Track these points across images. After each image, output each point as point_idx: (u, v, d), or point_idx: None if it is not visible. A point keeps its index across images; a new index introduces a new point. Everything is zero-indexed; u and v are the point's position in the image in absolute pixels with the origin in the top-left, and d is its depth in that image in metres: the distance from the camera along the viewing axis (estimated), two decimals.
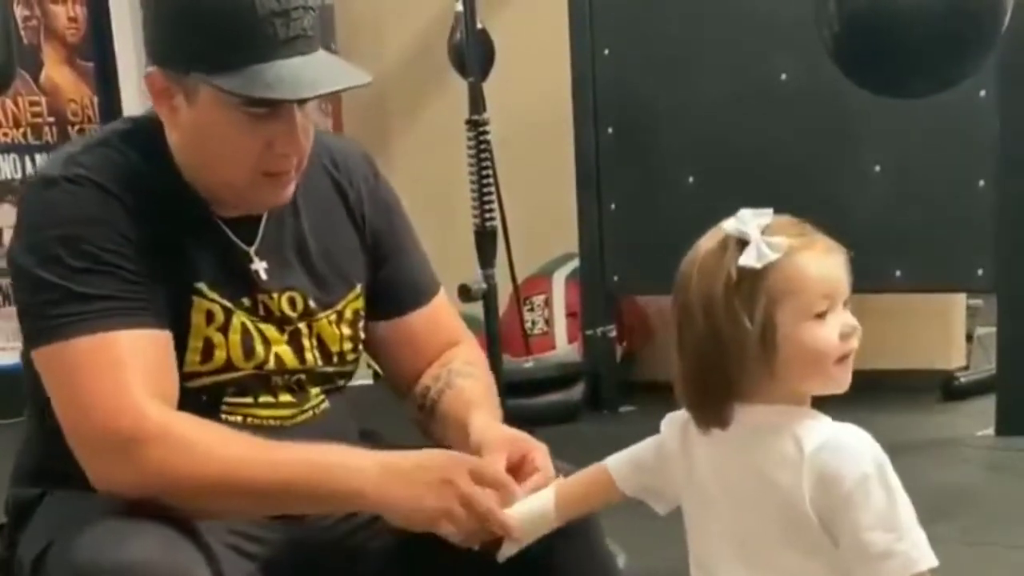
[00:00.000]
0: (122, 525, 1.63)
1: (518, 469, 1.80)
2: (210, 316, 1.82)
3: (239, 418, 1.85)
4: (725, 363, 1.54)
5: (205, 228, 1.86)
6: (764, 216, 1.56)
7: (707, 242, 1.58)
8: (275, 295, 1.88)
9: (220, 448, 1.71)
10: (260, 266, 1.88)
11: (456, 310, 2.16)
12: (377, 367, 2.14)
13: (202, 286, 1.82)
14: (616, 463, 1.74)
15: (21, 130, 5.65)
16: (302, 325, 1.90)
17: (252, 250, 1.89)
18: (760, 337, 1.52)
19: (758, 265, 1.52)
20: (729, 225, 1.56)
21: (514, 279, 5.02)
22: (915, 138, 4.38)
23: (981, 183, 4.29)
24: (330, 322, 1.93)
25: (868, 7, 3.53)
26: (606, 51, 4.85)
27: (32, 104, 5.68)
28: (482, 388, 2.02)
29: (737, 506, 1.58)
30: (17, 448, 1.95)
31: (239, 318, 1.84)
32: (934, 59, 3.53)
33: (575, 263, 5.17)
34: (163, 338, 1.76)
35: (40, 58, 5.74)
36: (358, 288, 1.97)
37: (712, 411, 1.58)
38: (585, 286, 5.05)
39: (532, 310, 5.22)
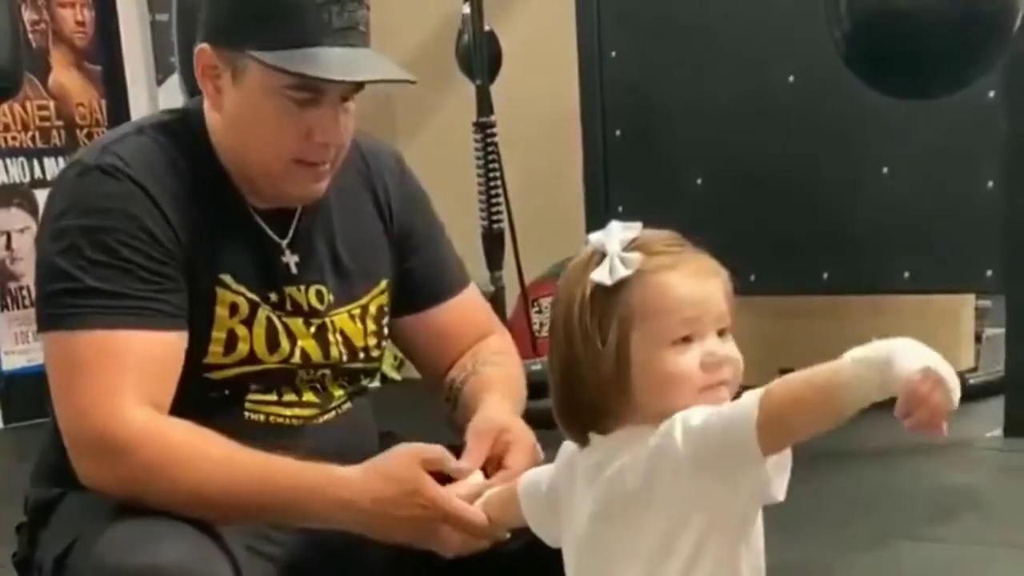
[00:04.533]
0: (146, 526, 1.64)
1: (498, 461, 1.79)
2: (234, 308, 1.83)
3: (261, 416, 1.85)
4: (584, 385, 1.44)
5: (239, 219, 1.86)
6: (631, 229, 1.45)
7: (581, 253, 1.48)
8: (303, 287, 1.89)
9: (190, 468, 1.70)
10: (291, 259, 1.89)
11: (487, 304, 2.16)
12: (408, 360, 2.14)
13: (228, 278, 1.82)
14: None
15: (29, 134, 5.65)
16: (327, 320, 1.90)
17: (284, 243, 1.89)
18: (615, 360, 1.41)
19: (609, 282, 1.41)
20: (594, 237, 1.46)
21: (522, 281, 5.03)
22: (923, 139, 4.37)
23: (990, 184, 4.29)
24: (352, 316, 1.93)
25: (879, 8, 3.53)
26: (613, 53, 4.85)
27: (40, 108, 5.69)
28: (503, 375, 1.99)
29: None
30: (40, 447, 1.95)
31: (264, 312, 1.85)
32: (945, 60, 3.54)
33: None
34: (171, 341, 1.77)
35: (48, 62, 5.75)
36: (383, 283, 1.98)
37: (580, 435, 1.48)
38: None
39: (540, 312, 5.22)
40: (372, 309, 1.96)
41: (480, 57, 5.04)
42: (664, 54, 4.77)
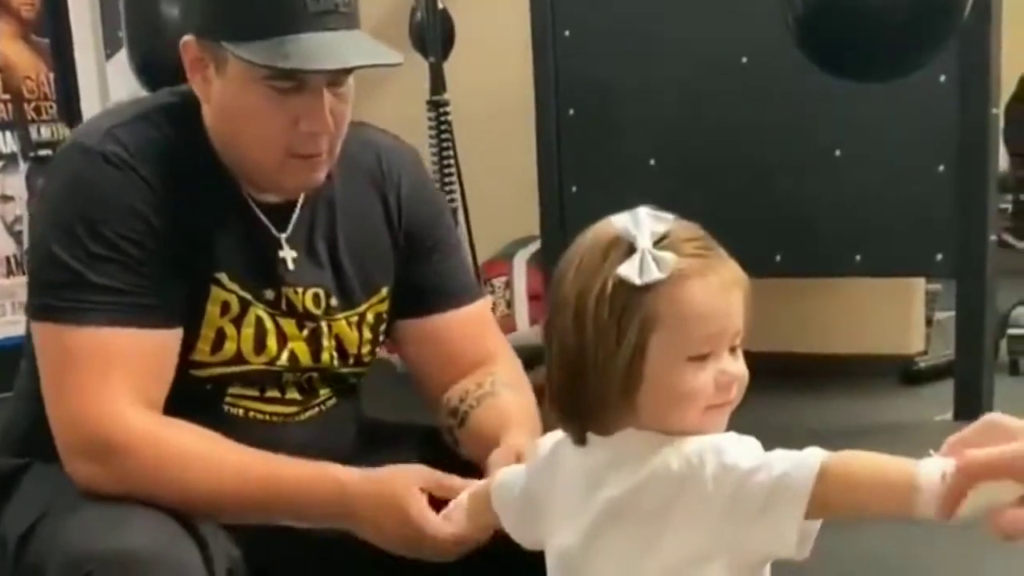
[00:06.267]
0: (114, 510, 1.63)
1: None
2: (226, 307, 1.80)
3: (241, 411, 1.84)
4: (589, 380, 1.35)
5: (237, 211, 1.83)
6: (662, 222, 1.36)
7: (597, 233, 1.39)
8: (300, 290, 1.86)
9: (186, 469, 1.69)
10: (289, 255, 1.86)
11: (496, 326, 2.09)
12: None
13: (222, 276, 1.80)
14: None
15: None
16: (323, 323, 1.88)
17: (283, 237, 1.87)
18: (628, 362, 1.33)
19: (638, 281, 1.32)
20: (620, 222, 1.37)
21: (475, 261, 5.03)
22: (876, 123, 4.39)
23: (941, 168, 4.31)
24: (350, 323, 1.90)
25: None
26: (567, 32, 4.85)
27: None
28: (523, 405, 1.92)
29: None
30: (7, 416, 1.94)
31: (255, 311, 1.82)
32: (896, 44, 3.56)
33: (536, 245, 5.18)
34: (166, 338, 1.75)
35: None
36: (383, 292, 1.95)
37: (578, 430, 1.41)
38: (548, 268, 5.06)
39: (493, 292, 5.23)
40: (369, 317, 1.93)
41: (434, 35, 5.04)
42: (618, 34, 4.77)
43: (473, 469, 1.77)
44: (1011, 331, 4.90)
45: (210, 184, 1.81)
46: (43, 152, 5.64)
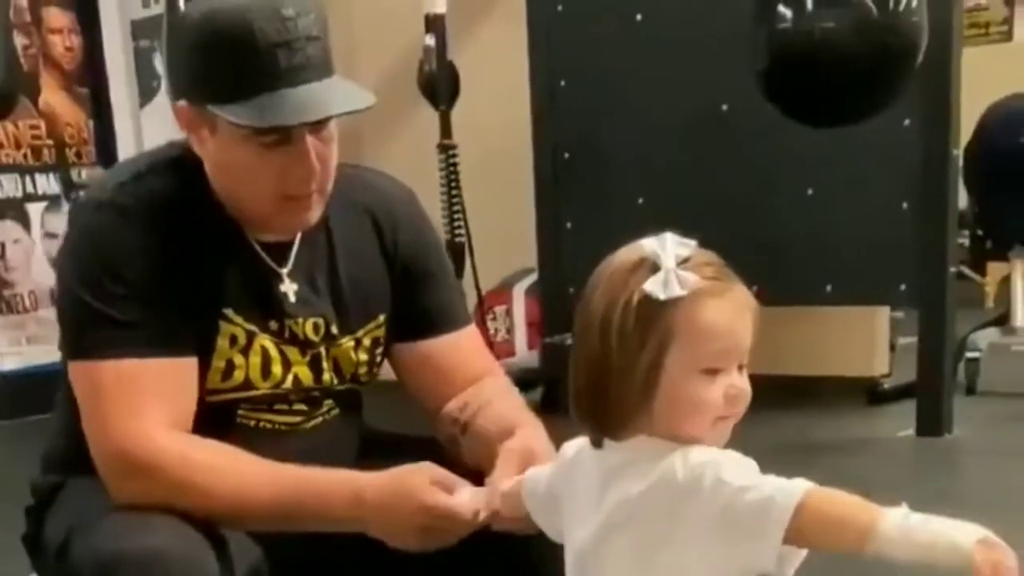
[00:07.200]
0: (136, 516, 1.65)
1: None
2: (233, 339, 1.81)
3: (252, 422, 1.85)
4: (610, 388, 1.37)
5: (239, 252, 1.84)
6: (685, 247, 1.39)
7: (624, 255, 1.41)
8: (300, 320, 1.86)
9: (210, 482, 1.70)
10: (290, 288, 1.87)
11: (485, 348, 2.08)
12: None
13: (229, 312, 1.81)
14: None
15: (22, 151, 5.63)
16: (323, 349, 1.88)
17: (284, 272, 1.87)
18: (646, 372, 1.35)
19: (663, 296, 1.34)
20: (648, 245, 1.39)
21: (478, 290, 5.05)
22: (845, 163, 4.41)
23: (905, 205, 4.33)
24: (349, 348, 1.91)
25: (792, 46, 3.58)
26: (563, 83, 4.88)
27: (32, 127, 5.67)
28: (521, 406, 1.94)
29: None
30: (48, 437, 1.96)
31: (261, 341, 1.83)
32: (851, 92, 3.59)
33: (533, 277, 5.20)
34: (187, 365, 1.77)
35: (39, 85, 5.73)
36: (380, 319, 1.94)
37: (596, 433, 1.42)
38: (545, 297, 5.08)
39: (495, 319, 5.26)
40: (366, 341, 1.93)
41: (443, 85, 5.07)
42: (609, 84, 4.80)
43: (475, 477, 1.78)
44: (968, 355, 4.92)
45: (213, 228, 1.83)
46: (83, 193, 5.65)
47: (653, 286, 1.35)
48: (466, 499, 1.69)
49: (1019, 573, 1.25)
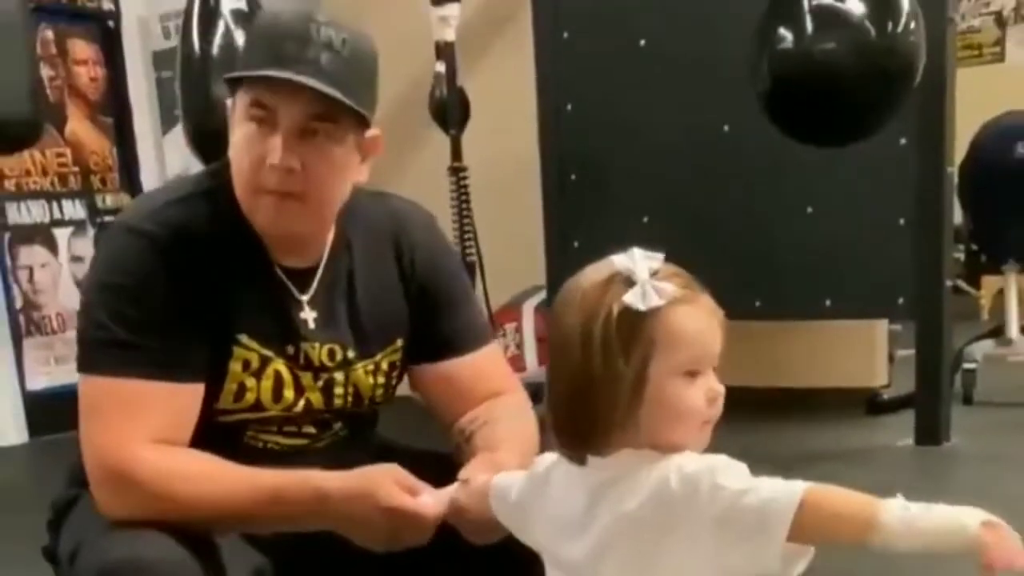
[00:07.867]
0: (133, 531, 1.65)
1: None
2: (246, 364, 1.80)
3: (260, 444, 1.84)
4: (595, 401, 1.35)
5: (262, 276, 1.82)
6: (654, 260, 1.38)
7: (594, 272, 1.39)
8: (317, 345, 1.85)
9: (195, 491, 1.69)
10: (310, 316, 1.85)
11: (507, 365, 2.06)
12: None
13: (243, 337, 1.80)
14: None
15: (49, 178, 5.66)
16: (338, 375, 1.86)
17: (305, 299, 1.85)
18: (632, 382, 1.34)
19: (642, 307, 1.34)
20: (618, 260, 1.38)
21: (489, 308, 5.04)
22: (843, 182, 4.40)
23: (902, 221, 4.31)
24: (367, 371, 1.89)
25: (792, 67, 3.58)
26: (569, 106, 4.87)
27: (58, 155, 5.70)
28: (517, 429, 1.89)
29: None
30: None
31: (275, 366, 1.82)
32: (850, 112, 3.58)
33: (542, 294, 5.19)
34: (189, 392, 1.76)
35: (65, 114, 5.76)
36: (398, 343, 1.92)
37: (578, 451, 1.40)
38: None
39: (505, 336, 5.25)
40: (384, 365, 1.91)
41: (454, 110, 5.07)
42: (614, 107, 4.80)
43: None
44: (965, 366, 4.91)
45: (238, 253, 1.81)
46: (108, 218, 5.68)
47: (632, 298, 1.35)
48: (428, 501, 1.68)
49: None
